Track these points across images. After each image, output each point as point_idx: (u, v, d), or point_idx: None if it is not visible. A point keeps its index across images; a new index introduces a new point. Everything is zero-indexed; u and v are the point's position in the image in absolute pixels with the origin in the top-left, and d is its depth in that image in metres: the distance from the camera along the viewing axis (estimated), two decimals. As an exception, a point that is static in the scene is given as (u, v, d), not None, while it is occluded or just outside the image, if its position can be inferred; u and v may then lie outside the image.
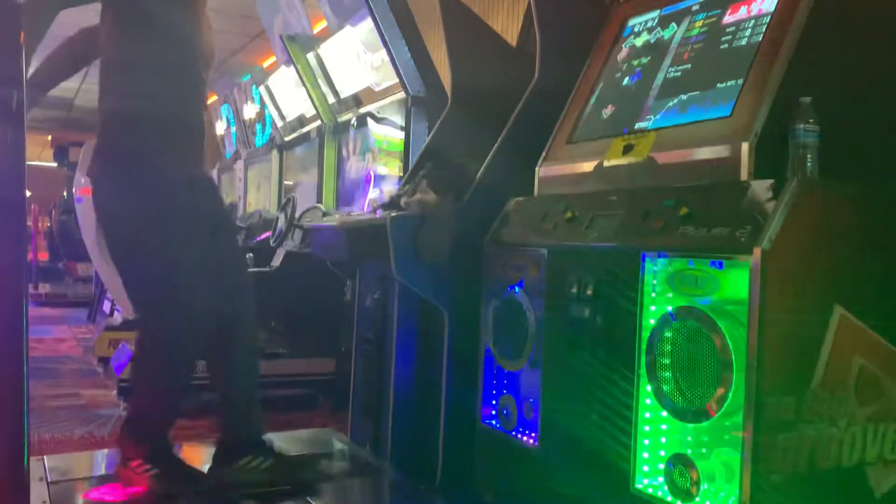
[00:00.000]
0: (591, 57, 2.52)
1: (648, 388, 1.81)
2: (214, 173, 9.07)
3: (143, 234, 2.27)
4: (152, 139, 2.29)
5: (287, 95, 6.63)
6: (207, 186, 2.51)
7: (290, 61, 5.81)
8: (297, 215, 4.97)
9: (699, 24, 2.18)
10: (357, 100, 5.36)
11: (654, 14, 2.36)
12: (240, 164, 8.40)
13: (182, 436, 3.58)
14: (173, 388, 2.41)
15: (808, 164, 1.72)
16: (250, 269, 4.60)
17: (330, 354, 4.44)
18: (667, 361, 1.76)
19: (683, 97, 2.07)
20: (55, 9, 2.24)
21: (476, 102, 3.11)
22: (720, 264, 1.66)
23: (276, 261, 4.73)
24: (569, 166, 2.32)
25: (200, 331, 2.33)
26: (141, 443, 2.34)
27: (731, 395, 1.62)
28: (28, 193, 1.54)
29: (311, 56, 5.65)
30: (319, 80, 5.68)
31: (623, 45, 2.43)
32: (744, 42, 1.98)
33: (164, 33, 2.30)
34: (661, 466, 1.78)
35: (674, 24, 2.27)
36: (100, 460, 2.98)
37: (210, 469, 2.43)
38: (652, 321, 1.81)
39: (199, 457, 2.57)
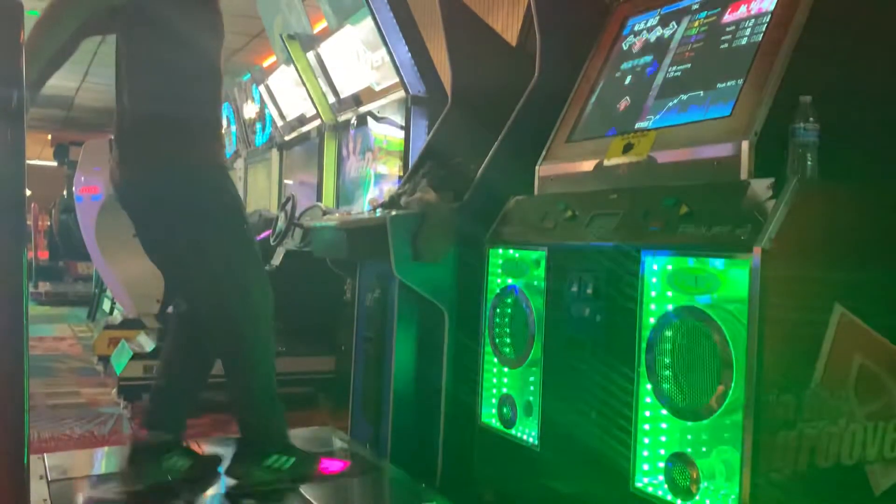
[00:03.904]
0: (591, 56, 2.52)
1: (648, 386, 1.81)
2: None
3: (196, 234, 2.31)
4: (176, 139, 2.31)
5: (287, 95, 6.64)
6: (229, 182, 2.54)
7: (289, 60, 5.81)
8: (297, 214, 4.97)
9: (699, 23, 2.18)
10: (357, 99, 5.36)
11: (654, 13, 2.36)
12: (240, 164, 8.40)
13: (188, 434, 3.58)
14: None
15: (808, 163, 1.72)
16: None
17: (330, 353, 4.45)
18: (667, 360, 1.76)
19: (683, 97, 2.07)
20: (78, 36, 2.26)
21: (476, 102, 3.11)
22: (720, 263, 1.67)
23: (277, 260, 4.73)
24: (569, 165, 2.32)
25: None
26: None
27: (731, 393, 1.62)
28: (28, 193, 1.54)
29: (310, 55, 5.66)
30: (319, 80, 5.68)
31: (623, 45, 2.43)
32: (744, 41, 1.98)
33: (186, 35, 2.31)
34: (661, 465, 1.78)
35: (674, 23, 2.27)
36: (100, 458, 2.98)
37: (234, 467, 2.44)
38: (652, 320, 1.81)
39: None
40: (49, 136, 15.34)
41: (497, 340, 2.37)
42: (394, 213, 2.63)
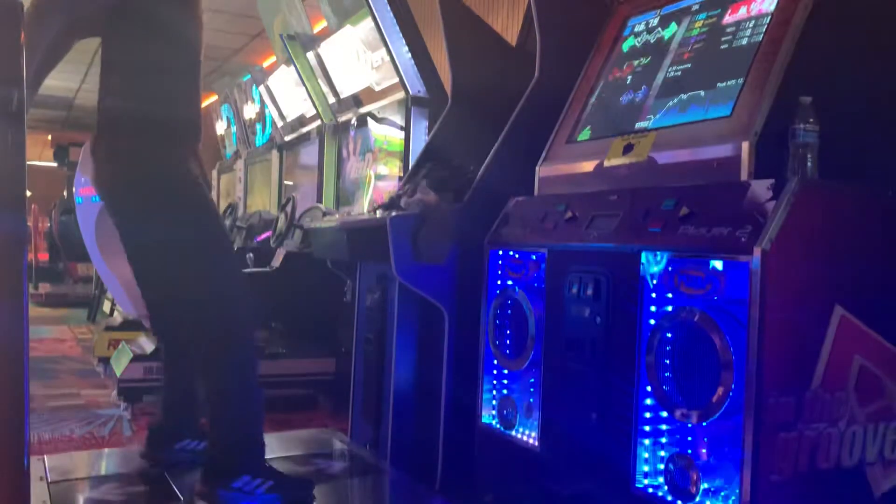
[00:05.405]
0: (591, 56, 2.52)
1: (648, 388, 1.81)
2: (214, 173, 9.08)
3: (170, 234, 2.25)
4: (152, 138, 2.30)
5: (287, 95, 6.64)
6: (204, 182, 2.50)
7: (290, 61, 5.82)
8: (297, 215, 4.97)
9: (699, 23, 2.18)
10: (357, 100, 5.36)
11: (655, 14, 2.36)
12: (240, 164, 8.40)
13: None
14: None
15: (808, 164, 1.72)
16: (251, 270, 4.60)
17: (330, 355, 4.44)
18: (667, 361, 1.76)
19: (683, 97, 2.07)
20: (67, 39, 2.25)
21: (476, 102, 3.11)
22: (720, 264, 1.66)
23: (276, 261, 4.73)
24: (569, 166, 2.32)
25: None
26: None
27: (731, 395, 1.62)
28: (28, 194, 1.54)
29: (311, 55, 5.66)
30: (319, 80, 5.68)
31: (623, 45, 2.43)
32: (744, 42, 1.98)
33: (166, 34, 2.30)
34: (662, 466, 1.78)
35: (674, 23, 2.27)
36: (100, 460, 2.98)
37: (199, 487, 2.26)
38: (652, 321, 1.81)
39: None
40: (49, 137, 15.34)
41: (497, 341, 2.37)
42: (394, 214, 2.63)
